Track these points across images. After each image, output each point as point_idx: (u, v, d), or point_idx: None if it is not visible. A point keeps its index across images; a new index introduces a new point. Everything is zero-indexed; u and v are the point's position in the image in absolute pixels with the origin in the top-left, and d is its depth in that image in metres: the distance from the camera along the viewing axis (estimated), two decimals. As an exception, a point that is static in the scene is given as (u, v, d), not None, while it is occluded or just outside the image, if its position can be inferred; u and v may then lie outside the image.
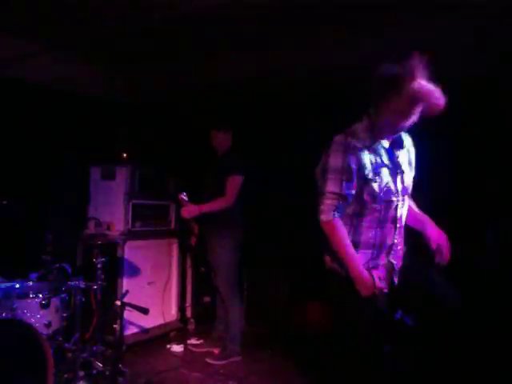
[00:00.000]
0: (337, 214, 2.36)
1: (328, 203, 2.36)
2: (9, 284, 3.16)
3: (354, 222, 2.41)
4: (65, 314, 3.26)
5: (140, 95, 5.22)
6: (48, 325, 3.11)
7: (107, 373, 3.32)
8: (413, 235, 2.58)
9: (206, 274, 4.61)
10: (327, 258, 2.51)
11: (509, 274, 3.56)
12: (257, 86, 4.61)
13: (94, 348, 3.45)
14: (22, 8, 3.58)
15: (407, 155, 2.51)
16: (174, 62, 4.65)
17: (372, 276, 2.32)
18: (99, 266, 3.50)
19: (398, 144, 2.45)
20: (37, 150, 4.40)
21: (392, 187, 2.38)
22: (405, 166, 2.46)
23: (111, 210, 4.44)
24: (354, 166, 2.32)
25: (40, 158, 4.41)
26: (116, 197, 4.44)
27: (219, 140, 4.28)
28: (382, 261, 2.44)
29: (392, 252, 2.46)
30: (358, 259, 2.35)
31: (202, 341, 4.53)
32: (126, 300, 3.45)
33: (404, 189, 2.44)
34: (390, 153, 2.43)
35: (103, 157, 4.63)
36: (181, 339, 4.61)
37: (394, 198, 2.40)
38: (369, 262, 2.40)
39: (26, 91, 4.31)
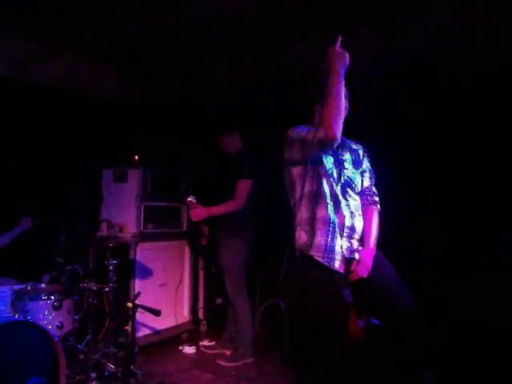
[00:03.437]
0: None
1: (310, 135, 2.56)
2: (21, 286, 3.20)
3: (311, 200, 2.60)
4: (77, 316, 3.31)
5: (152, 96, 5.24)
6: (60, 326, 3.15)
7: (119, 374, 3.34)
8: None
9: (218, 275, 4.61)
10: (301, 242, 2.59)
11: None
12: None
13: (106, 349, 3.47)
14: (35, 10, 3.61)
15: (352, 156, 2.77)
16: (186, 62, 4.66)
17: None
18: (111, 267, 3.52)
19: (342, 146, 2.72)
20: (50, 153, 4.43)
21: (335, 174, 2.63)
22: (347, 164, 2.72)
23: (123, 212, 4.46)
24: None
25: (53, 160, 4.45)
26: (128, 199, 4.46)
27: (226, 144, 4.27)
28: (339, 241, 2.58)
29: (345, 234, 2.59)
30: None
31: (214, 342, 4.53)
32: (137, 302, 3.45)
33: (346, 182, 2.67)
34: (334, 152, 2.69)
35: (115, 159, 4.66)
36: (193, 341, 4.62)
37: (340, 182, 2.64)
38: (327, 237, 2.55)
39: (39, 93, 4.35)
